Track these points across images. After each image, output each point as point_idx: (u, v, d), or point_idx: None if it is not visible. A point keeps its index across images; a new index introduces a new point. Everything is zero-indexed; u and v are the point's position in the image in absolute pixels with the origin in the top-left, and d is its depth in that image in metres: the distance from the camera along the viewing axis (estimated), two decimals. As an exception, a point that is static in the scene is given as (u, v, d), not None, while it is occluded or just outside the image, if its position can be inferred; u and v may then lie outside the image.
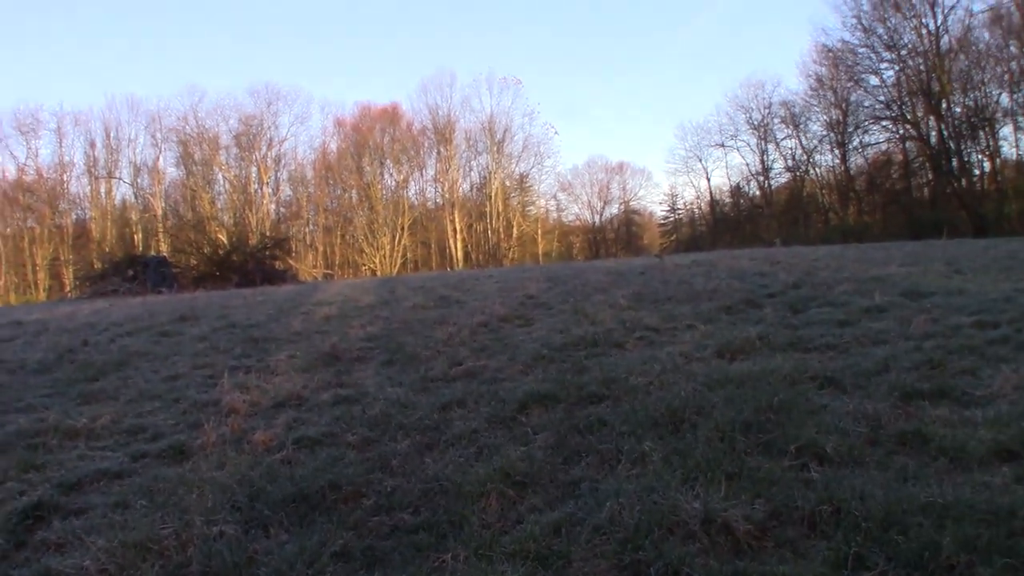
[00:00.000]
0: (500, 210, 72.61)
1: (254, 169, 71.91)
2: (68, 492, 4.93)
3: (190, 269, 38.41)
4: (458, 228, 70.93)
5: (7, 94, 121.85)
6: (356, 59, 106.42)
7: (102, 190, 71.38)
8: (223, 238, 53.02)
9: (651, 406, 5.71)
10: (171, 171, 73.05)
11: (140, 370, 9.71)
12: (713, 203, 73.36)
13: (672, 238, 77.63)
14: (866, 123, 55.48)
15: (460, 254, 70.31)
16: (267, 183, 71.75)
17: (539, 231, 76.21)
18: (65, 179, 71.02)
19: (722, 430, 5.03)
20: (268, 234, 55.33)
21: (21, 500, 4.75)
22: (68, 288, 57.88)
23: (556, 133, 78.35)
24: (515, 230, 73.63)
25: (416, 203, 74.60)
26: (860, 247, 24.58)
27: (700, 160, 73.31)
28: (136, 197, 72.23)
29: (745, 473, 4.37)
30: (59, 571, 3.73)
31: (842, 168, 59.44)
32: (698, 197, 76.76)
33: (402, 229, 70.16)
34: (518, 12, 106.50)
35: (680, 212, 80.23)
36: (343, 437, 5.72)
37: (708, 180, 78.65)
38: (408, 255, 71.76)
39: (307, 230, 73.05)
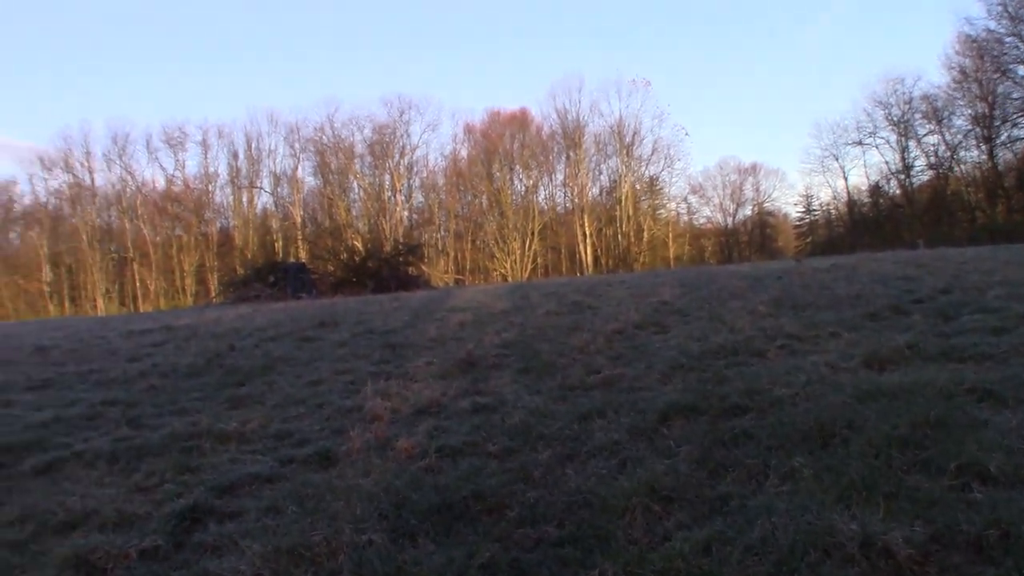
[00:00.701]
0: (630, 214, 72.13)
1: (387, 177, 73.71)
2: (222, 495, 5.09)
3: (328, 275, 39.50)
4: (588, 233, 70.82)
5: (157, 110, 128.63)
6: (485, 66, 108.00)
7: (244, 199, 74.61)
8: (359, 245, 54.43)
9: (798, 419, 5.51)
10: (309, 180, 75.76)
11: (284, 375, 10.01)
12: (851, 203, 71.01)
13: (808, 240, 75.41)
14: (1015, 116, 52.81)
15: (590, 259, 70.17)
16: (400, 190, 73.34)
17: (670, 235, 75.38)
18: (210, 189, 74.64)
19: (876, 446, 4.80)
20: (402, 241, 56.43)
21: (178, 502, 4.92)
22: (213, 293, 60.40)
23: (686, 135, 77.17)
24: (645, 234, 73.01)
25: (545, 208, 74.88)
26: (1011, 248, 23.28)
27: (837, 159, 71.18)
28: (276, 206, 75.13)
29: (903, 493, 4.15)
30: (216, 574, 3.84)
31: (989, 164, 56.71)
32: (835, 197, 74.43)
33: (532, 234, 70.50)
34: (645, 14, 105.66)
35: (816, 213, 77.95)
36: (484, 446, 5.72)
37: (845, 179, 75.97)
38: (538, 260, 72.05)
39: (438, 236, 74.25)
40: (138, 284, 69.38)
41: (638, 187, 75.05)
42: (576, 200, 73.56)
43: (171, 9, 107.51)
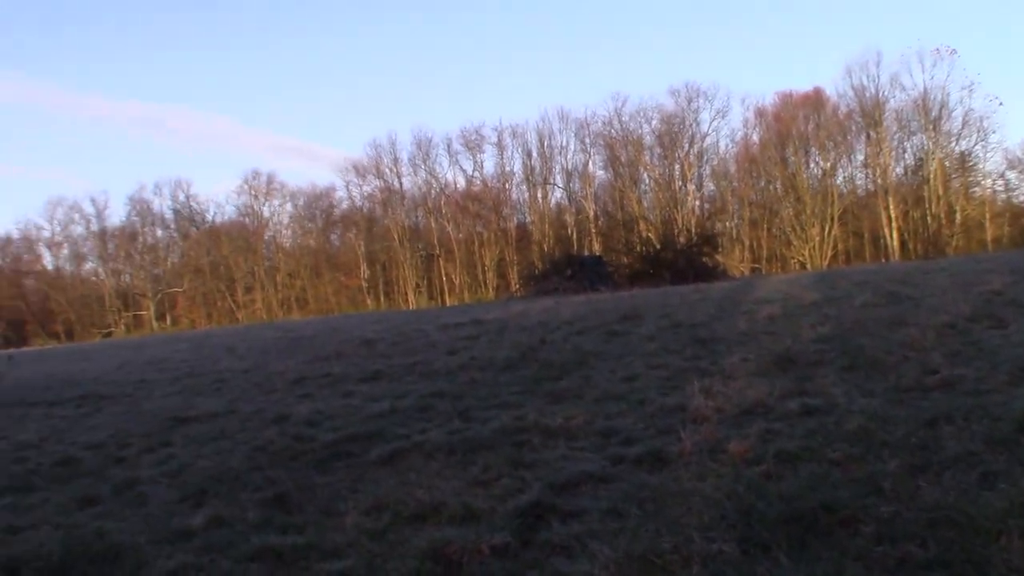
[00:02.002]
0: (940, 194, 66.72)
1: (677, 167, 73.05)
2: (560, 493, 5.13)
3: (623, 267, 39.73)
4: (892, 216, 66.38)
5: (456, 115, 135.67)
6: (774, 47, 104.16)
7: (539, 195, 76.73)
8: (652, 236, 54.37)
9: None
10: (600, 174, 76.71)
11: (598, 370, 10.09)
12: None
13: None
14: None
15: (896, 244, 65.78)
16: (691, 179, 72.48)
17: (987, 215, 68.98)
18: (507, 187, 77.45)
19: None
20: (695, 230, 55.72)
21: (520, 498, 5.02)
22: (513, 287, 62.68)
23: (1000, 105, 70.09)
24: (958, 215, 67.28)
25: (845, 191, 70.99)
26: None
27: None
28: (569, 200, 76.66)
29: None
30: (570, 576, 3.87)
31: None
32: None
33: (832, 219, 67.17)
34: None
35: None
36: (823, 452, 5.40)
37: None
38: (838, 247, 68.59)
39: (732, 224, 72.61)
40: (444, 279, 73.54)
41: (947, 164, 69.15)
42: (878, 181, 69.09)
43: (463, 15, 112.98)
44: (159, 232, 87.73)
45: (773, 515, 4.25)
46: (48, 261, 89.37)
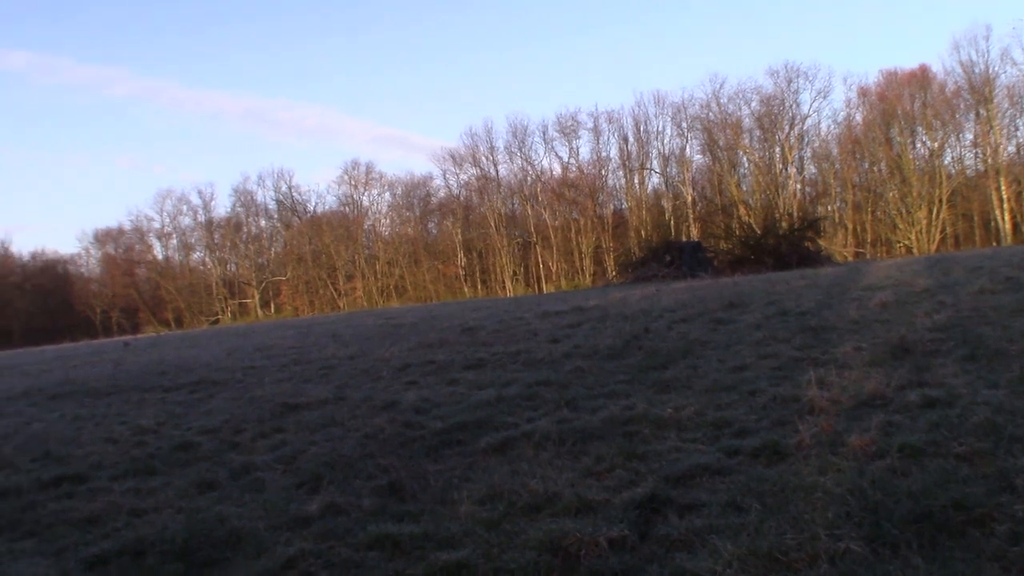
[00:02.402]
0: (1059, 173, 63.85)
1: (777, 149, 71.45)
2: (675, 485, 5.06)
3: (723, 253, 39.10)
4: (1004, 197, 63.71)
5: (551, 101, 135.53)
6: (877, 24, 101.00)
7: (635, 181, 76.08)
8: (752, 221, 53.43)
9: None
10: (697, 158, 75.63)
11: (705, 359, 9.94)
12: None
13: None
14: None
15: (1008, 227, 63.14)
16: (791, 162, 70.83)
17: (1117, 196, 65.68)
18: (603, 173, 77.04)
19: None
20: (797, 215, 54.48)
21: (635, 490, 4.97)
22: (610, 274, 62.36)
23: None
24: (1086, 196, 64.25)
25: (953, 172, 68.43)
26: None
27: None
28: (666, 186, 75.82)
29: None
30: (693, 572, 3.79)
31: None
32: None
33: (940, 201, 64.84)
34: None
35: None
36: (948, 447, 5.18)
37: None
38: (947, 230, 66.25)
39: (835, 208, 70.79)
40: (540, 266, 73.54)
41: (1069, 142, 66.16)
42: (989, 161, 66.33)
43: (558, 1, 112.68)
44: (263, 222, 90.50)
45: (901, 513, 4.10)
46: (158, 251, 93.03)
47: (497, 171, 79.68)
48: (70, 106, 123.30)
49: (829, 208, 69.87)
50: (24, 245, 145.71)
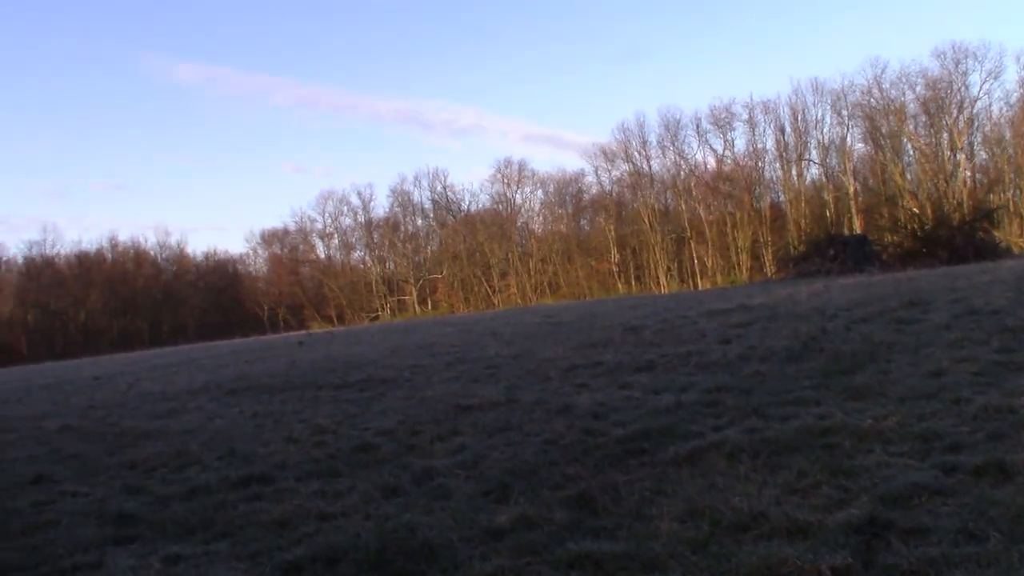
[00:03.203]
0: None
1: (945, 136, 67.73)
2: (893, 507, 4.65)
3: (891, 246, 37.45)
4: None
5: (704, 92, 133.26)
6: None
7: (793, 173, 73.73)
8: (921, 212, 50.91)
9: None
10: (858, 147, 72.59)
11: (895, 363, 9.37)
12: None
13: None
14: None
15: None
16: (961, 149, 67.01)
17: None
18: (759, 165, 74.95)
19: None
20: (969, 204, 51.58)
21: (848, 511, 4.60)
22: (768, 269, 60.71)
23: None
24: None
25: None
26: None
27: None
28: (826, 177, 73.14)
29: None
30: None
31: None
32: None
33: None
34: None
35: None
36: None
37: None
38: None
39: (1009, 196, 66.56)
40: (695, 261, 72.14)
41: None
42: None
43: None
44: (419, 221, 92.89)
45: None
46: (321, 250, 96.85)
47: (650, 166, 78.91)
48: (238, 115, 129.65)
49: (1003, 196, 65.64)
50: (197, 246, 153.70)
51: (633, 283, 74.84)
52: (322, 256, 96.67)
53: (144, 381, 20.78)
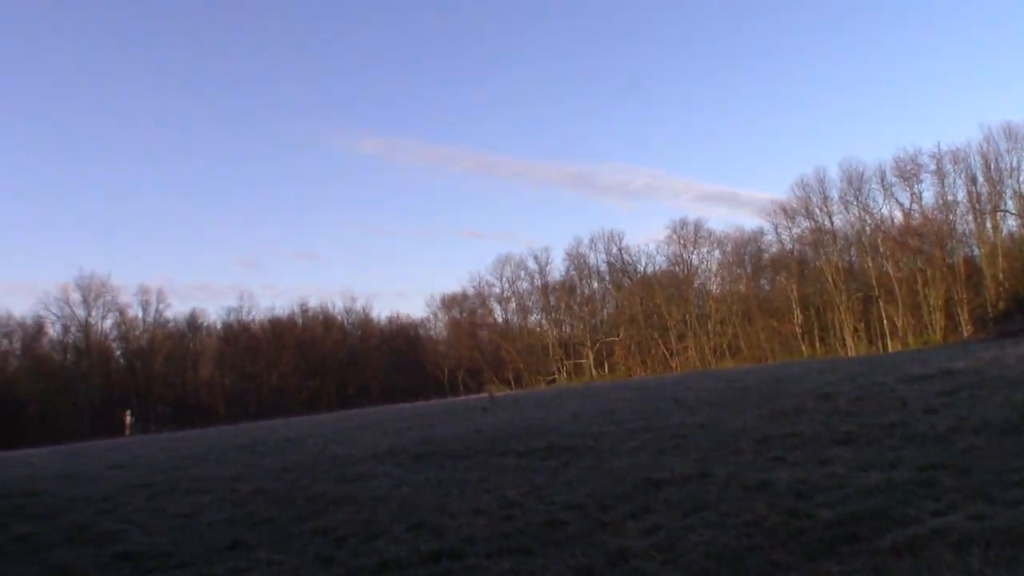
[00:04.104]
0: None
1: None
2: None
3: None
4: None
5: (887, 144, 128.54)
6: None
7: (988, 225, 69.55)
8: None
9: None
10: (1063, 193, 67.67)
11: None
12: None
13: None
14: None
15: None
16: None
17: None
18: (950, 218, 71.17)
19: None
20: None
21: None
22: (964, 328, 57.19)
23: None
24: None
25: None
26: None
27: None
28: (1025, 228, 68.53)
29: None
30: None
31: None
32: None
33: None
34: None
35: None
36: None
37: None
38: None
39: None
40: (884, 321, 68.68)
41: None
42: None
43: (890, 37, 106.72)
44: (595, 284, 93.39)
45: None
46: (498, 314, 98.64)
47: (832, 222, 76.38)
48: (418, 183, 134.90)
49: None
50: (381, 310, 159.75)
51: (818, 345, 71.98)
52: (500, 320, 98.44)
53: (332, 444, 21.42)
